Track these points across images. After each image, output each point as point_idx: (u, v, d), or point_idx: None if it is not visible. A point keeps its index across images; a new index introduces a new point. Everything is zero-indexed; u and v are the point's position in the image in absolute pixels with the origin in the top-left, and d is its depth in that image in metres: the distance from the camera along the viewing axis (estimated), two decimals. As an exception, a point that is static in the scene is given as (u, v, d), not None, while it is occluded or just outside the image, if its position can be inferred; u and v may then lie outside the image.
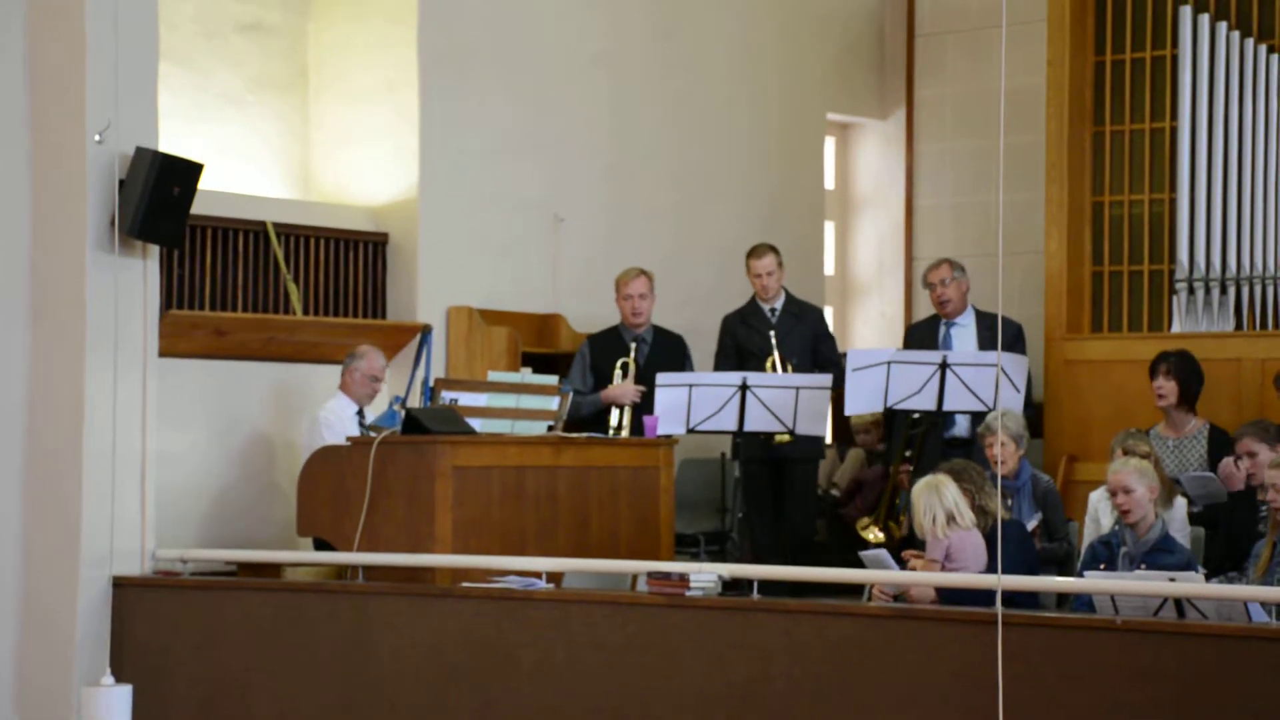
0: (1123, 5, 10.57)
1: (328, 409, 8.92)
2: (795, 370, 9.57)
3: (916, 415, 9.19)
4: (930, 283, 9.87)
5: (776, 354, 9.70)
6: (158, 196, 7.93)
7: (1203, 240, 10.22)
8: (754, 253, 9.98)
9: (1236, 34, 10.20)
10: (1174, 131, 10.38)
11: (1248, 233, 10.13)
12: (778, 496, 9.63)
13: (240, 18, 10.00)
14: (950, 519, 7.43)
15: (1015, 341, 9.91)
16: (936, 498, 7.44)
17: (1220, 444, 9.11)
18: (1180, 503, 8.29)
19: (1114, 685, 6.07)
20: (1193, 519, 8.44)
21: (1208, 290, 10.19)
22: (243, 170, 9.92)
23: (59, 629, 7.95)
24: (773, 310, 9.96)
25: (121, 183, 7.94)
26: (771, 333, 9.79)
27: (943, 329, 9.89)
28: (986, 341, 9.67)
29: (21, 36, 8.07)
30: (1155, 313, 10.47)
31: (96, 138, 7.92)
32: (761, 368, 9.65)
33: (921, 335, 9.99)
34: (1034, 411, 9.93)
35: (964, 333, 9.82)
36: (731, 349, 9.92)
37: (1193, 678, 5.96)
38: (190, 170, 8.06)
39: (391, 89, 10.00)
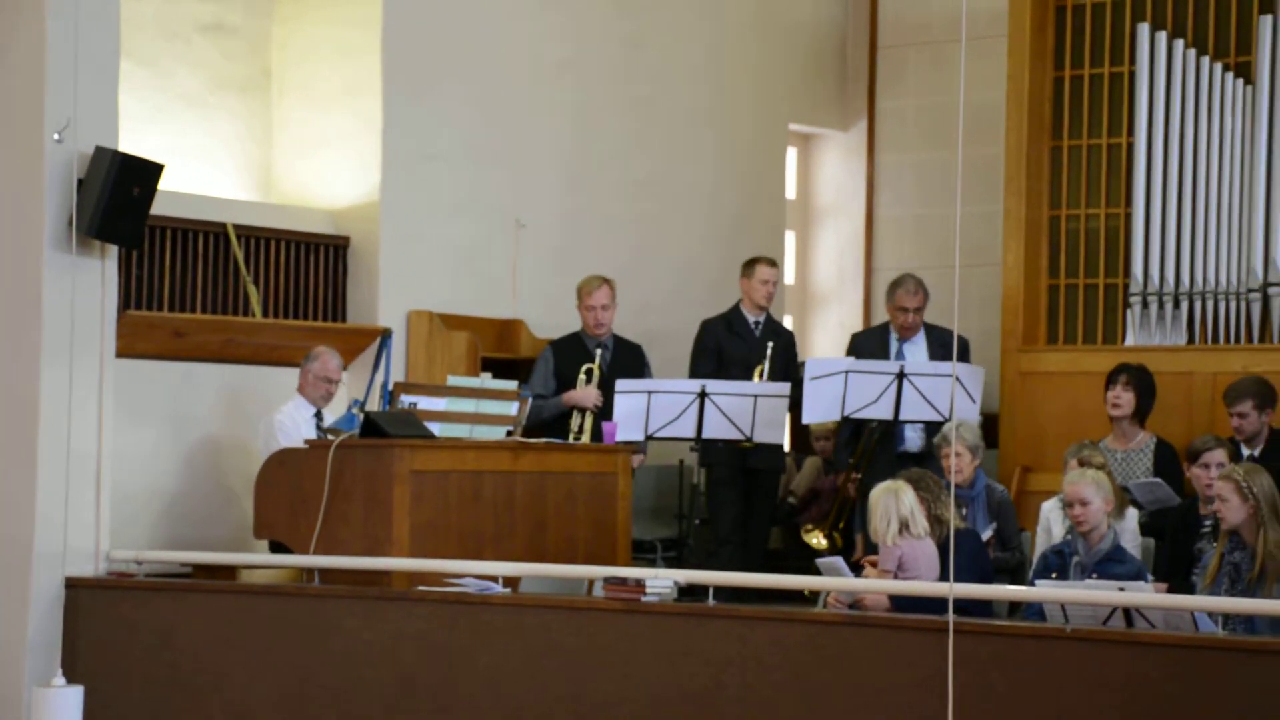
0: (1082, 21, 10.63)
1: (284, 412, 8.91)
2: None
3: (875, 424, 9.21)
4: (903, 307, 9.85)
5: (767, 363, 9.75)
6: (117, 197, 7.92)
7: (1157, 255, 10.27)
8: (764, 261, 10.07)
9: (1193, 51, 10.26)
10: (1131, 147, 10.43)
11: (1202, 248, 10.18)
12: (744, 496, 9.68)
13: (202, 18, 9.98)
14: (904, 527, 7.46)
15: (962, 355, 9.96)
16: (895, 502, 7.48)
17: (1166, 458, 9.20)
18: (1132, 513, 8.35)
19: (1063, 693, 6.10)
20: (1143, 529, 8.49)
21: (1161, 304, 10.24)
22: (203, 171, 9.90)
23: (11, 629, 7.92)
24: (757, 323, 10.01)
25: (80, 182, 7.92)
26: (770, 344, 9.85)
27: (894, 341, 9.92)
28: (937, 354, 9.73)
29: (-18, 32, 8.09)
30: (1110, 326, 10.51)
31: (55, 136, 7.90)
32: (746, 375, 9.69)
33: (871, 345, 9.99)
34: (982, 421, 9.98)
35: (914, 347, 9.85)
36: (713, 352, 9.98)
37: (1141, 686, 5.99)
38: (150, 171, 8.05)
39: (354, 92, 10.00)
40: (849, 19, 12.40)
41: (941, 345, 9.84)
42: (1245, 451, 8.85)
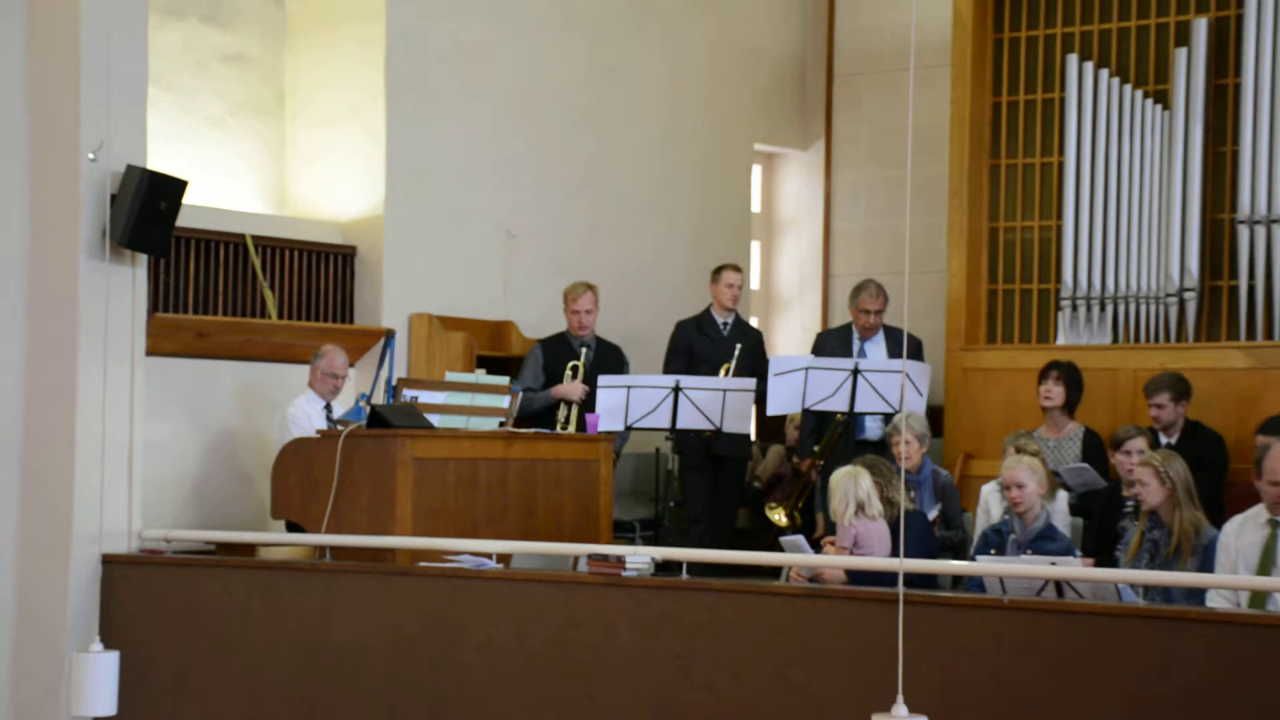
0: (1017, 53, 10.65)
1: (296, 405, 8.90)
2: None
3: (841, 416, 9.22)
4: (866, 309, 9.86)
5: (734, 362, 9.74)
6: (146, 210, 7.88)
7: (1085, 263, 10.30)
8: (730, 267, 10.09)
9: (1117, 80, 10.28)
10: (1061, 166, 10.45)
11: (1125, 257, 10.20)
12: (714, 481, 9.69)
13: (223, 48, 9.97)
14: (860, 508, 7.50)
15: (916, 354, 10.00)
16: (853, 485, 7.53)
17: (1092, 445, 9.23)
18: (1062, 495, 8.39)
19: (1001, 657, 6.11)
20: (1072, 510, 8.52)
21: (1089, 308, 10.27)
22: (224, 187, 9.89)
23: (53, 601, 7.89)
24: (725, 323, 10.02)
25: (113, 197, 7.88)
26: (738, 344, 9.85)
27: (856, 340, 9.93)
28: (894, 352, 9.76)
29: (22, 63, 7.99)
30: (1043, 327, 10.54)
31: (91, 156, 7.86)
32: (713, 372, 9.69)
33: (834, 344, 10.01)
34: (929, 412, 9.99)
35: (874, 345, 9.87)
36: (684, 351, 9.99)
37: (1070, 650, 6.01)
38: (176, 186, 8.00)
39: (360, 114, 9.99)
40: (808, 50, 12.42)
41: (898, 345, 9.85)
42: (1163, 440, 8.91)
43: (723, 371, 9.67)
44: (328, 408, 8.92)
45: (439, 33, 10.19)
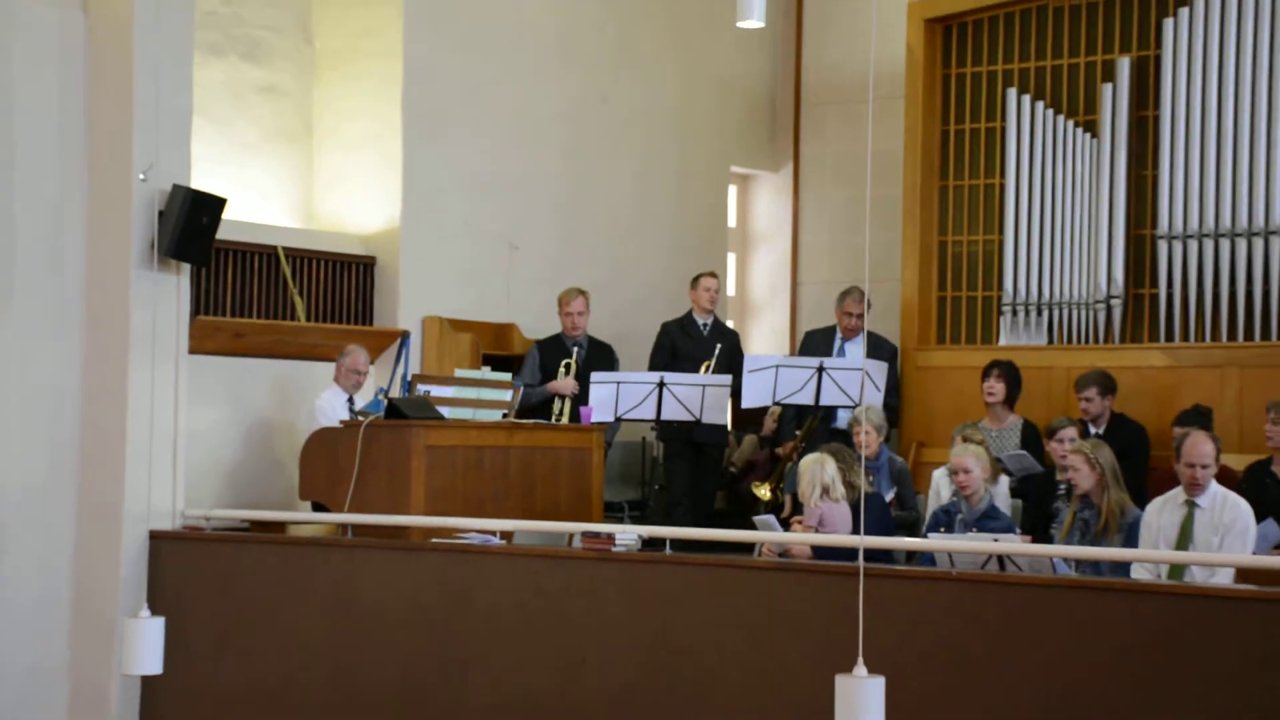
0: (964, 87, 10.66)
1: (323, 398, 8.90)
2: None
3: (815, 409, 9.22)
4: (849, 312, 9.86)
5: (714, 360, 9.75)
6: (189, 225, 7.87)
7: (1024, 272, 10.30)
8: (707, 274, 10.09)
9: (1051, 111, 10.29)
10: (1002, 187, 10.45)
11: (1058, 267, 10.21)
12: (695, 467, 9.69)
13: (258, 82, 9.96)
14: (825, 491, 7.52)
15: (892, 358, 10.06)
16: (820, 471, 7.55)
17: (1030, 435, 9.23)
18: (1004, 480, 8.39)
19: (950, 624, 6.13)
20: (1012, 493, 8.55)
21: (1027, 312, 10.28)
22: (258, 204, 9.88)
23: (106, 573, 7.91)
24: (705, 324, 10.03)
25: (160, 213, 7.88)
26: (718, 344, 9.85)
27: (839, 341, 9.95)
28: (871, 353, 9.74)
29: (83, 95, 8.00)
30: (986, 330, 10.53)
31: (141, 176, 7.86)
32: (695, 367, 9.68)
33: (818, 342, 10.03)
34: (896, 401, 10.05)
35: (854, 346, 9.87)
36: (668, 349, 9.96)
37: (1011, 618, 6.03)
38: (216, 204, 8.01)
39: (379, 140, 9.98)
40: (778, 82, 12.42)
41: (874, 346, 9.88)
42: (1092, 430, 8.91)
43: (704, 368, 9.67)
44: (350, 400, 8.92)
45: (449, 69, 10.19)
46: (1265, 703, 5.52)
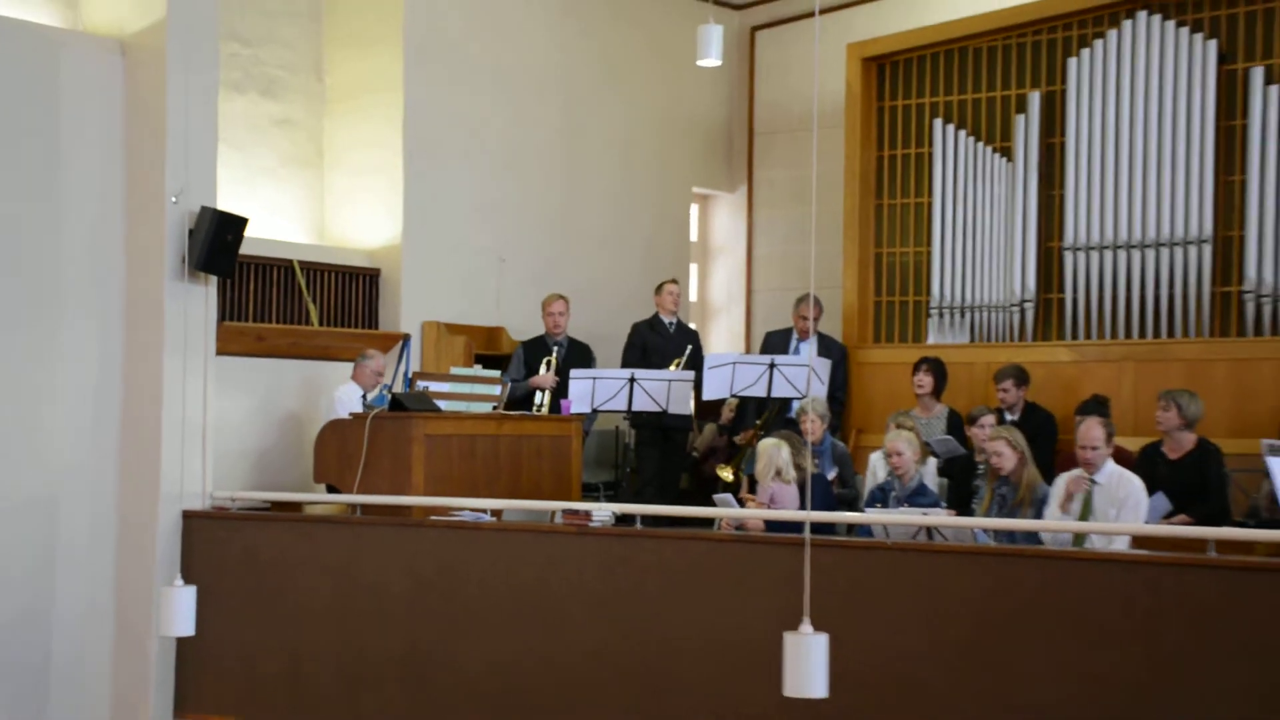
0: (896, 117, 10.69)
1: (343, 390, 8.88)
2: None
3: (770, 400, 9.21)
4: (804, 315, 9.85)
5: (684, 358, 9.73)
6: (216, 241, 7.87)
7: (949, 280, 10.35)
8: (670, 281, 10.12)
9: (972, 139, 10.34)
10: (930, 205, 10.48)
11: (978, 275, 10.25)
12: (662, 452, 9.70)
13: (275, 115, 9.94)
14: (779, 472, 7.53)
15: (842, 357, 10.07)
16: (777, 454, 7.55)
17: (954, 422, 9.26)
18: (932, 461, 8.39)
19: (885, 588, 6.17)
20: (939, 472, 8.58)
21: (951, 315, 10.32)
22: (276, 223, 9.87)
23: (145, 547, 7.91)
24: (670, 324, 10.04)
25: (190, 231, 7.88)
26: (688, 345, 9.84)
27: (794, 340, 9.96)
28: (821, 352, 9.76)
29: (122, 128, 8.01)
30: (916, 330, 10.57)
31: (173, 199, 7.85)
32: (664, 364, 9.67)
33: (777, 342, 10.03)
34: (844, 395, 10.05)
35: (808, 347, 9.83)
36: (639, 347, 9.95)
37: (938, 581, 6.08)
38: (239, 223, 8.01)
39: (383, 166, 9.97)
40: (734, 114, 12.45)
41: (826, 346, 9.90)
42: (1008, 417, 8.94)
43: (674, 365, 9.66)
44: (364, 395, 8.92)
45: (444, 104, 10.18)
46: (1151, 650, 5.60)
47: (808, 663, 4.59)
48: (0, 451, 7.69)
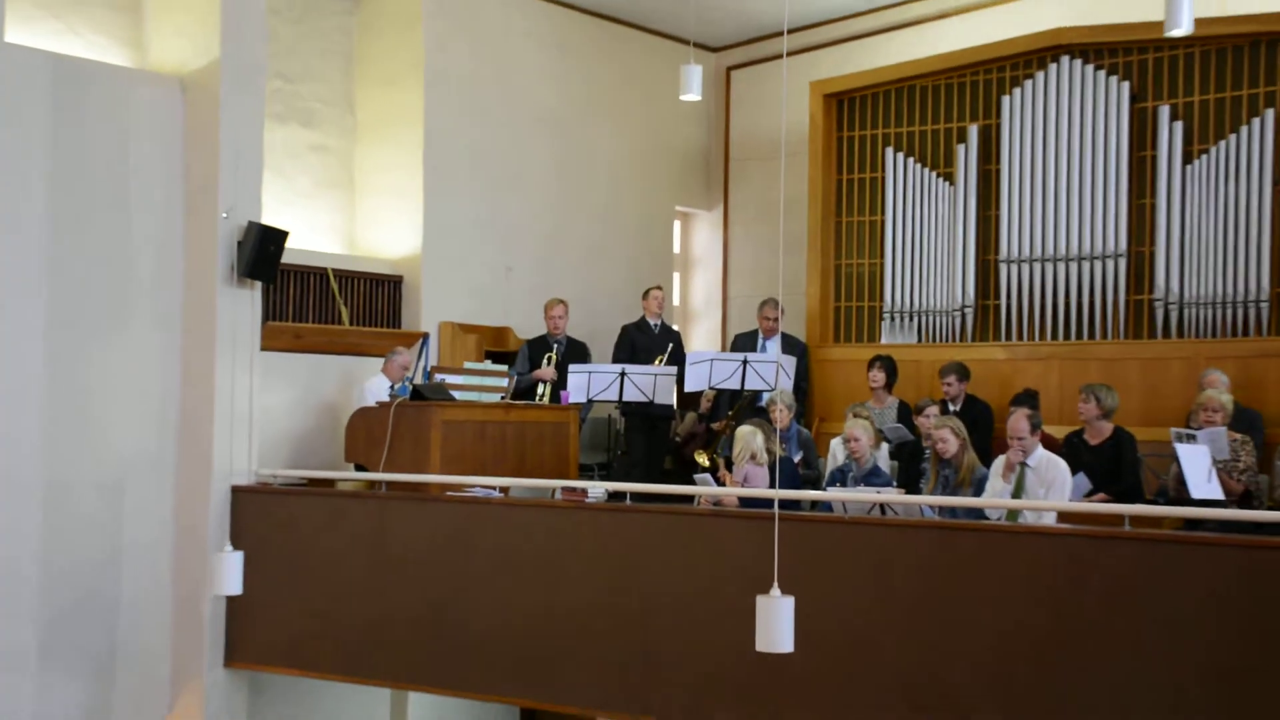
0: (853, 146, 10.69)
1: (371, 383, 8.87)
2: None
3: (744, 392, 9.22)
4: (768, 317, 9.89)
5: (667, 354, 9.76)
6: (260, 252, 7.90)
7: (899, 288, 10.35)
8: (655, 287, 10.11)
9: (919, 165, 10.35)
10: (883, 222, 10.49)
11: (925, 284, 10.26)
12: (648, 437, 9.73)
13: (312, 143, 9.95)
14: (753, 456, 7.52)
15: (803, 354, 10.09)
16: (753, 439, 7.52)
17: (904, 412, 9.27)
18: (885, 446, 8.40)
19: (843, 557, 6.18)
20: (891, 456, 8.62)
21: (902, 318, 10.34)
22: (312, 237, 9.89)
23: (199, 518, 7.94)
24: (656, 325, 10.06)
25: (239, 243, 7.91)
26: (670, 344, 9.84)
27: (760, 339, 9.98)
28: (785, 349, 9.79)
29: (180, 154, 8.04)
30: (871, 331, 10.57)
31: (224, 215, 7.88)
32: (650, 358, 9.67)
33: (745, 342, 10.04)
34: (806, 385, 10.08)
35: (772, 344, 9.88)
36: (628, 345, 9.95)
37: (889, 550, 6.10)
38: (280, 236, 8.03)
39: (405, 188, 9.98)
40: (712, 142, 12.41)
41: (788, 344, 9.93)
42: (951, 408, 8.96)
43: (658, 361, 9.68)
44: (391, 386, 8.95)
45: (457, 133, 10.18)
46: (1073, 610, 5.63)
47: (777, 622, 4.66)
48: (77, 434, 7.73)
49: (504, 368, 8.95)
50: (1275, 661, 5.22)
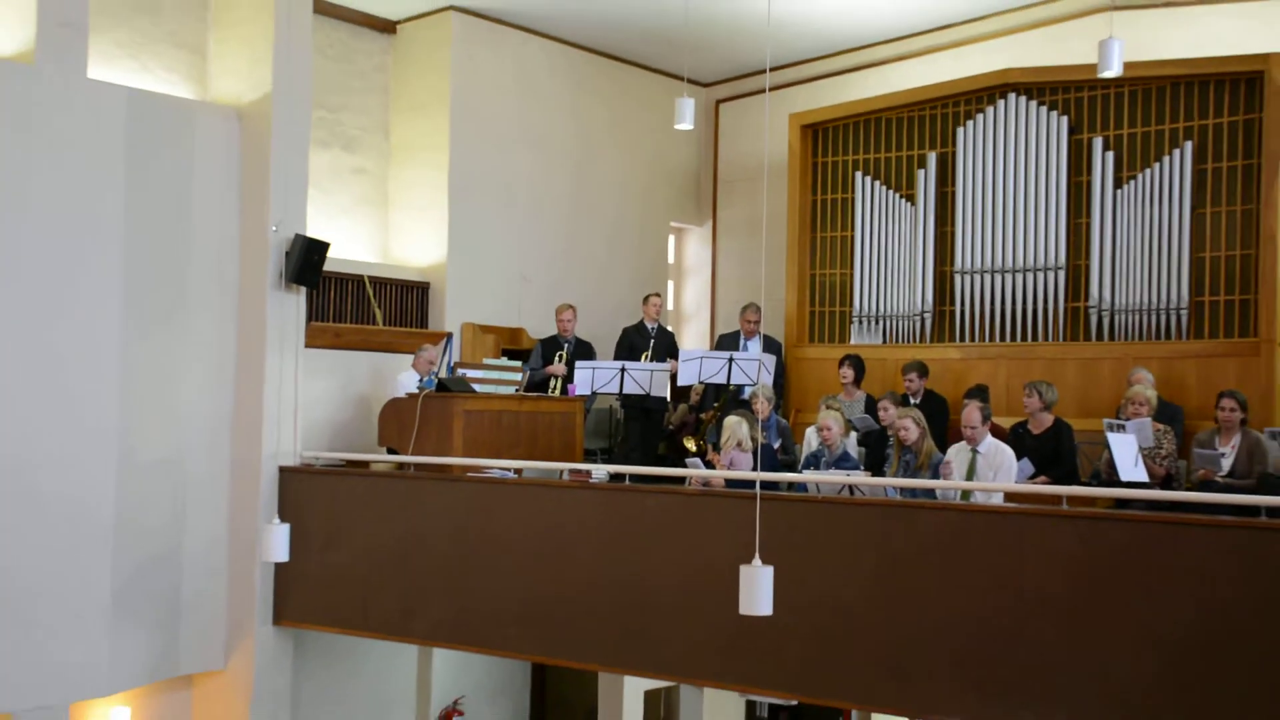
0: (827, 170, 10.65)
1: (402, 376, 8.86)
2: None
3: (729, 386, 9.22)
4: (749, 320, 9.86)
5: (649, 352, 9.74)
6: (305, 261, 7.93)
7: (867, 295, 10.30)
8: (654, 294, 10.07)
9: (884, 187, 10.31)
10: (852, 237, 10.46)
11: (889, 291, 10.22)
12: (644, 426, 9.72)
13: (351, 165, 9.93)
14: (739, 443, 7.52)
15: (779, 352, 10.06)
16: (740, 427, 7.49)
17: (870, 405, 9.21)
18: (853, 435, 8.38)
19: (815, 532, 6.20)
20: (859, 443, 8.59)
21: (869, 322, 10.30)
22: (351, 247, 9.86)
23: (251, 494, 7.97)
24: (653, 328, 10.04)
25: (286, 253, 7.94)
26: (652, 341, 9.80)
27: (742, 340, 9.96)
28: (765, 348, 9.77)
29: (236, 174, 8.07)
30: (842, 333, 10.52)
31: (274, 228, 7.91)
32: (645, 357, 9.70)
33: (728, 342, 10.01)
34: (782, 380, 10.07)
35: (754, 343, 9.84)
36: (626, 345, 9.93)
37: (859, 526, 6.11)
38: (322, 247, 8.05)
39: (433, 205, 9.94)
40: (703, 164, 12.41)
41: (767, 344, 9.91)
42: (912, 401, 8.92)
43: (643, 357, 9.66)
44: (420, 379, 8.94)
45: (480, 157, 10.15)
46: (1017, 579, 5.64)
47: (758, 588, 4.67)
48: (144, 422, 7.75)
49: (519, 364, 8.95)
50: (1202, 627, 5.21)
